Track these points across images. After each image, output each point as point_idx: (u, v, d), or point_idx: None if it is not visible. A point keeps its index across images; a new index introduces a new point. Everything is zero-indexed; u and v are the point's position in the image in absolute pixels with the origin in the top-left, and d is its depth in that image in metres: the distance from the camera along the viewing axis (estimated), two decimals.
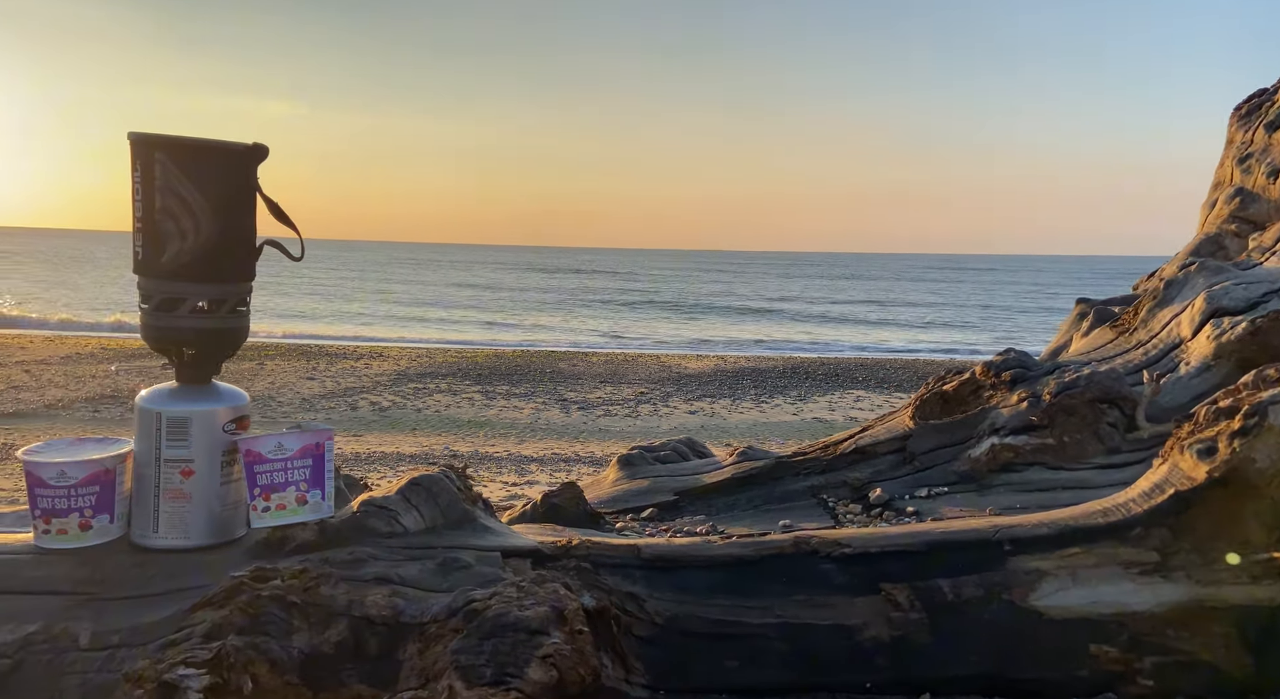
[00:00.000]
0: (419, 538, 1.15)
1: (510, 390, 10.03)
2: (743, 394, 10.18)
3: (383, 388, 9.66)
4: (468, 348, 14.70)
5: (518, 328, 19.45)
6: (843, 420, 9.50)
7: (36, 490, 1.11)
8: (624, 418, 9.50)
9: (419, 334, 17.16)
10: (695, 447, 1.82)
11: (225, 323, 1.20)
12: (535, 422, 9.00)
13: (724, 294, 35.40)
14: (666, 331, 19.48)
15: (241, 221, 1.18)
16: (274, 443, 1.18)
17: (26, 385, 8.49)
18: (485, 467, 6.88)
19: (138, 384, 8.84)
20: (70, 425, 7.22)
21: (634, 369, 11.97)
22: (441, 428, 8.67)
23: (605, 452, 7.70)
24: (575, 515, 1.44)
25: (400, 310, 22.20)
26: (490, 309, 24.20)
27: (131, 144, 1.12)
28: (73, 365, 9.75)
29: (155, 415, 1.15)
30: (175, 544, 1.15)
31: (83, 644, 0.96)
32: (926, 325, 21.82)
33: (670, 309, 26.07)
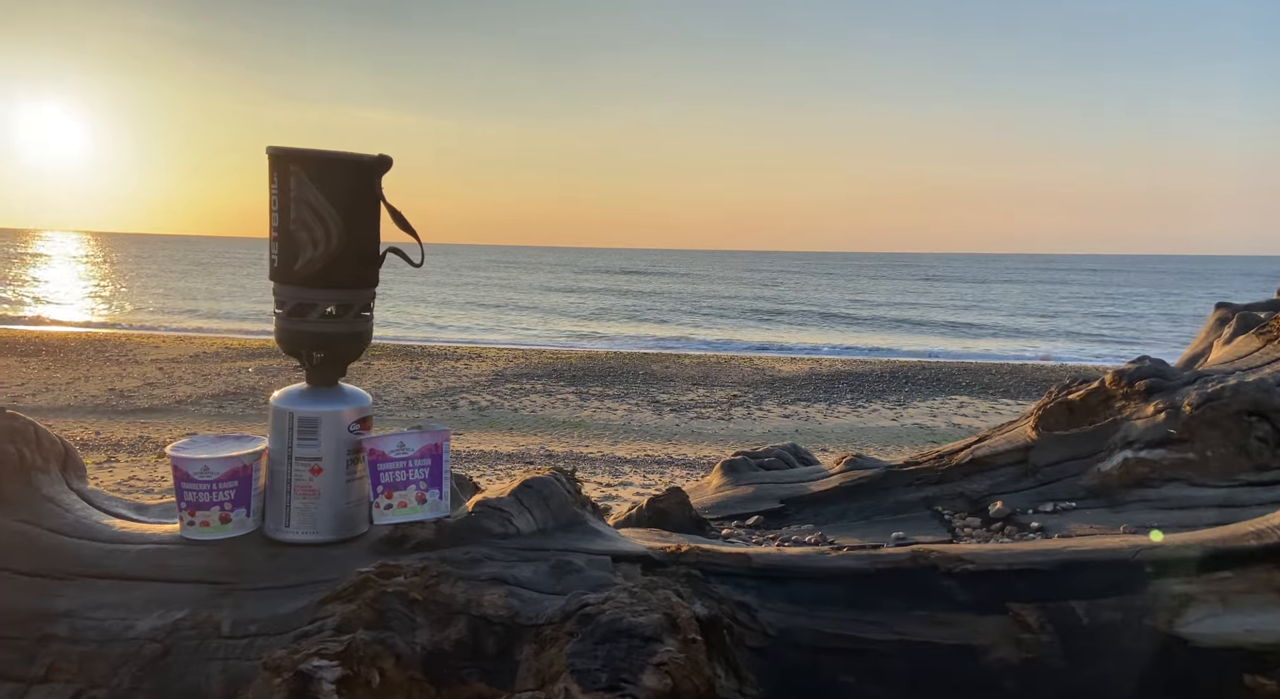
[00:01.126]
0: (531, 540, 1.17)
1: (604, 392, 10.14)
2: (839, 398, 9.95)
3: (481, 388, 9.94)
4: (562, 349, 14.97)
5: (609, 329, 19.66)
6: (945, 427, 9.16)
7: (183, 484, 1.19)
8: (717, 421, 9.45)
9: (515, 335, 17.58)
10: (800, 453, 1.79)
11: (351, 327, 1.25)
12: (628, 423, 9.06)
13: (808, 296, 34.76)
14: (754, 334, 19.28)
15: (367, 230, 1.23)
16: (396, 442, 1.22)
17: (160, 382, 9.16)
18: (580, 467, 6.97)
19: (257, 382, 9.40)
20: (198, 420, 7.74)
21: (726, 372, 11.89)
22: (537, 428, 8.84)
23: (698, 454, 7.69)
24: (681, 521, 1.44)
25: (496, 312, 22.80)
26: (582, 311, 24.57)
27: (270, 158, 1.18)
28: (200, 364, 10.46)
29: (288, 415, 1.21)
30: (305, 538, 1.21)
31: (224, 631, 1.02)
32: (1026, 329, 20.78)
33: (754, 311, 25.79)
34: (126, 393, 8.68)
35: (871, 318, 23.61)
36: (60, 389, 8.59)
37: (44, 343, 11.99)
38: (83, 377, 9.28)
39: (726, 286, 40.75)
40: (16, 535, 1.13)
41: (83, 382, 8.99)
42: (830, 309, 26.68)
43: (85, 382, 9.01)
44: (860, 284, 43.49)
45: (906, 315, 24.49)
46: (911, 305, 28.21)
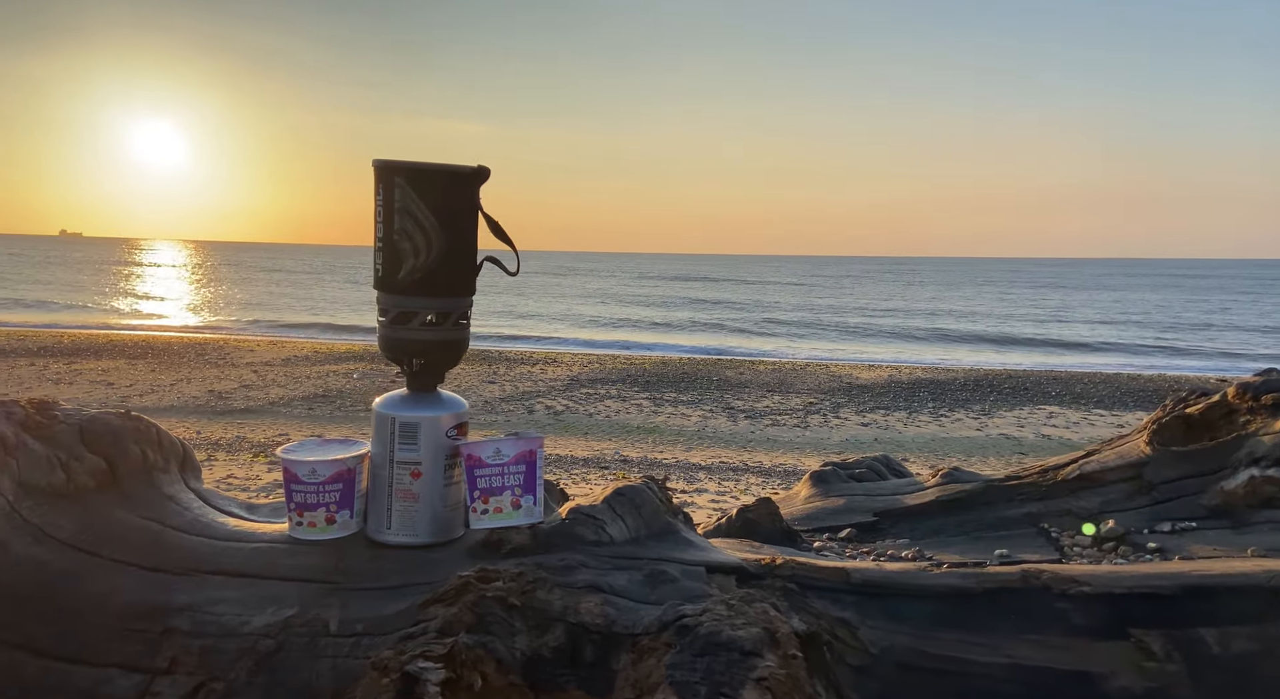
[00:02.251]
0: (624, 548, 1.17)
1: (678, 397, 10.12)
2: (920, 406, 9.68)
3: (557, 392, 10.06)
4: (635, 354, 15.02)
5: (681, 334, 19.63)
6: (1033, 438, 8.81)
7: (292, 486, 1.23)
8: (792, 428, 9.32)
9: (589, 341, 17.74)
10: (891, 464, 1.74)
11: (450, 335, 1.27)
12: (702, 429, 9.02)
13: (878, 301, 33.96)
14: (827, 339, 18.94)
15: (466, 239, 1.25)
16: (493, 448, 1.24)
17: (255, 385, 9.60)
18: (654, 473, 6.96)
19: (344, 384, 9.75)
20: (289, 421, 8.07)
21: (802, 378, 11.72)
22: (612, 433, 8.89)
23: (773, 462, 7.59)
24: (771, 532, 1.41)
25: (569, 317, 23.07)
26: (654, 316, 24.61)
27: (375, 170, 1.22)
28: (291, 367, 10.91)
29: (389, 420, 1.24)
30: (405, 541, 1.24)
31: (332, 630, 1.05)
32: (1117, 338, 19.75)
33: (825, 316, 25.32)
34: (224, 394, 9.12)
35: (948, 324, 22.90)
36: (165, 390, 9.09)
37: (150, 346, 12.72)
38: (185, 378, 9.80)
39: (796, 291, 40.21)
40: (141, 532, 1.20)
41: (185, 383, 9.49)
42: (904, 314, 26.00)
43: (187, 383, 9.51)
44: (932, 289, 42.30)
45: (986, 324, 23.67)
46: (985, 314, 27.25)
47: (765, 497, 1.46)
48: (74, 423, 1.26)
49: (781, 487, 6.78)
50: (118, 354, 11.58)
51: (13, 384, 9.05)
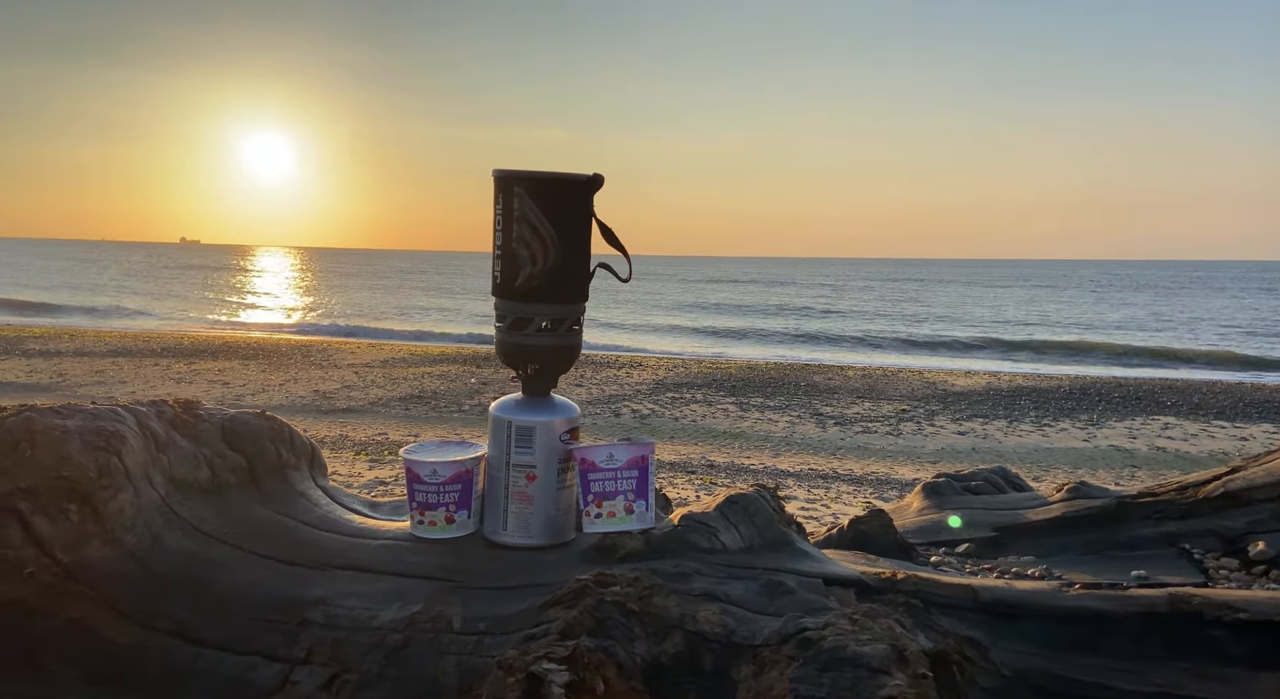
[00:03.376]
0: (738, 557, 1.16)
1: (764, 403, 10.01)
2: (1021, 415, 9.28)
3: (642, 396, 10.10)
4: (721, 359, 14.94)
5: (768, 339, 19.42)
6: (1147, 450, 8.33)
7: (414, 485, 1.28)
8: (884, 436, 9.08)
9: (675, 344, 17.74)
10: (1010, 477, 1.66)
11: (564, 340, 1.29)
12: (790, 435, 8.89)
13: (969, 305, 32.69)
14: (923, 345, 18.36)
15: (581, 246, 1.27)
16: (606, 453, 1.25)
17: (356, 385, 10.01)
18: (741, 478, 6.91)
19: (439, 386, 10.06)
20: (388, 421, 8.38)
21: (894, 384, 11.41)
22: (698, 437, 8.86)
23: (865, 470, 7.41)
24: (885, 545, 1.37)
25: (657, 321, 23.15)
26: (740, 320, 24.42)
27: (495, 180, 1.25)
28: (389, 369, 11.34)
29: (506, 423, 1.27)
30: (520, 542, 1.26)
31: (456, 627, 1.08)
32: (1233, 345, 18.36)
33: (921, 320, 24.55)
34: (328, 394, 9.55)
35: (1042, 329, 21.84)
36: (274, 389, 9.59)
37: (260, 347, 13.44)
38: (292, 379, 10.31)
39: (883, 295, 39.18)
40: (277, 527, 1.26)
41: (292, 383, 9.99)
42: (998, 319, 24.95)
43: (294, 383, 10.00)
44: (1024, 291, 40.45)
45: (1083, 330, 22.46)
46: (1082, 320, 25.85)
47: (878, 508, 1.42)
48: (217, 422, 1.34)
49: (874, 495, 6.61)
50: (232, 355, 12.29)
51: (140, 382, 9.72)
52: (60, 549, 1.06)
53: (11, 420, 1.11)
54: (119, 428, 1.18)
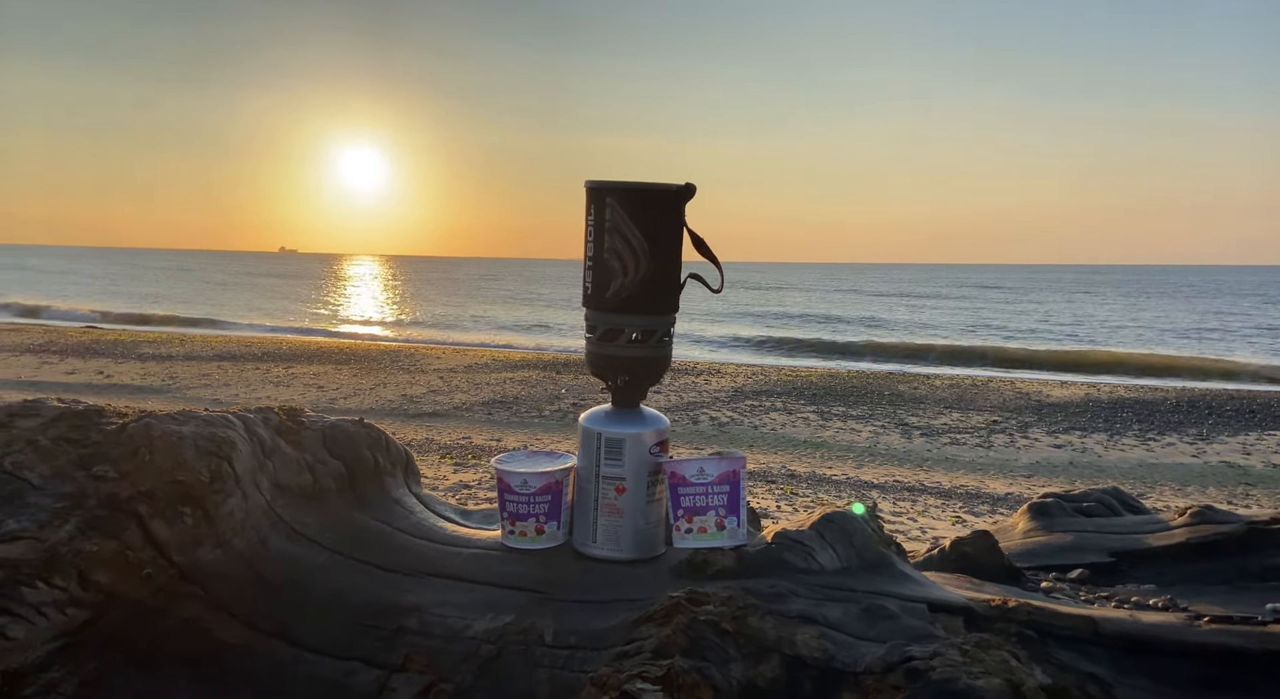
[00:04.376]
0: (835, 578, 1.12)
1: (846, 412, 9.79)
2: (1123, 428, 8.80)
3: (721, 404, 10.03)
4: (801, 367, 14.71)
5: (848, 347, 19.01)
6: (1262, 467, 7.79)
7: (505, 495, 1.29)
8: (974, 448, 8.75)
9: (753, 352, 17.57)
10: (1125, 498, 1.56)
11: (654, 352, 1.28)
12: (874, 445, 8.67)
13: (1075, 312, 31.19)
14: (1015, 355, 17.63)
15: (672, 257, 1.26)
16: (696, 467, 1.23)
17: (441, 390, 10.28)
18: (824, 489, 6.77)
19: (520, 391, 10.23)
20: (471, 425, 8.57)
21: (984, 395, 10.98)
22: (777, 446, 8.72)
23: (953, 483, 7.14)
24: (990, 568, 1.30)
25: (737, 327, 22.98)
26: (818, 328, 24.00)
27: (587, 191, 1.25)
28: (472, 374, 11.60)
29: (596, 435, 1.27)
30: (610, 555, 1.25)
31: (547, 640, 1.08)
32: None
33: (1014, 328, 23.57)
34: (415, 398, 9.83)
35: (1147, 337, 20.61)
36: (365, 393, 9.94)
37: (352, 352, 13.97)
38: (381, 383, 10.67)
39: (974, 302, 37.83)
40: (374, 533, 1.29)
41: (381, 388, 10.33)
42: (1093, 327, 23.71)
43: (383, 388, 10.34)
44: (1121, 300, 38.34)
45: (1192, 339, 21.10)
46: (1191, 329, 24.27)
47: (982, 529, 1.35)
48: (318, 429, 1.38)
49: (964, 510, 6.38)
50: (326, 360, 12.80)
51: (242, 385, 10.24)
52: (175, 551, 1.11)
53: (132, 426, 1.17)
54: (229, 434, 1.22)
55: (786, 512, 5.52)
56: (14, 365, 11.35)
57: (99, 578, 1.04)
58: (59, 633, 1.01)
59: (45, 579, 1.00)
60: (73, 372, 10.96)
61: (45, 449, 1.12)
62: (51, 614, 1.00)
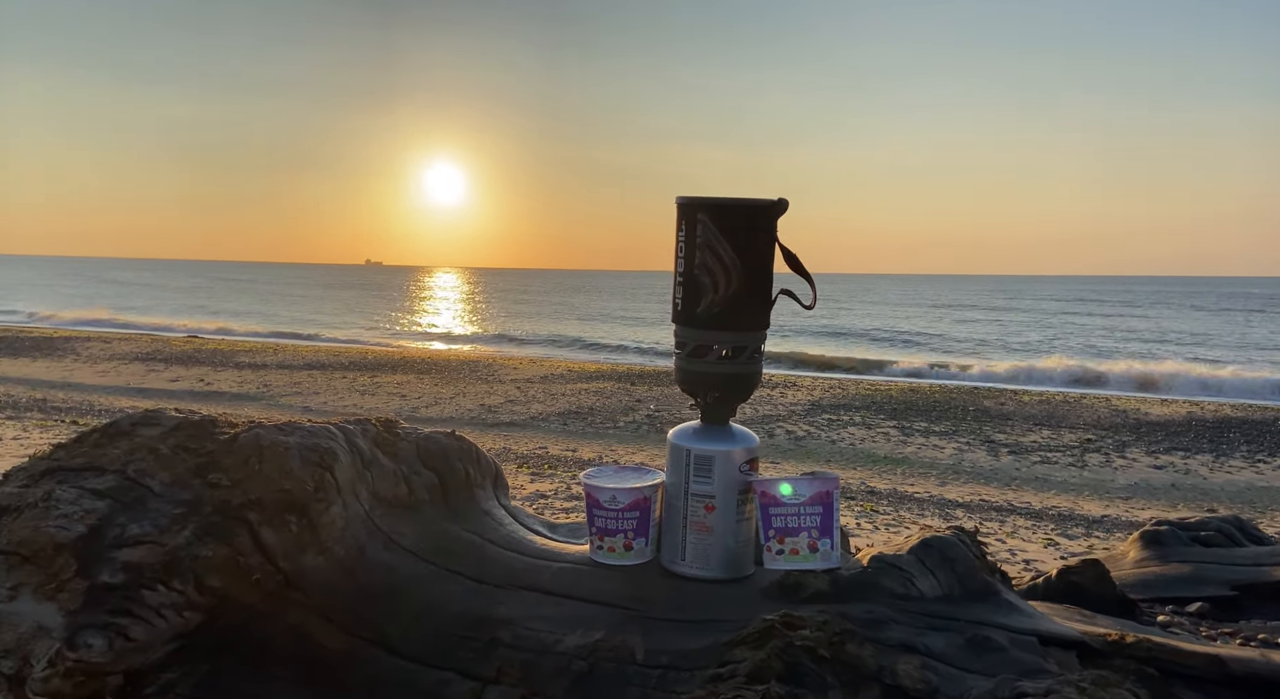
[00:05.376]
0: (936, 606, 1.07)
1: (929, 427, 9.50)
2: (1230, 449, 8.28)
3: (797, 417, 9.87)
4: (880, 381, 14.37)
5: (928, 361, 18.47)
6: None
7: (594, 510, 1.29)
8: (1066, 467, 8.38)
9: (830, 363, 17.26)
10: (1246, 528, 1.46)
11: (744, 368, 1.27)
12: (958, 463, 8.38)
13: (1181, 326, 29.52)
14: (1110, 368, 16.80)
15: (764, 273, 1.24)
16: (788, 487, 1.20)
17: (518, 400, 10.45)
18: (905, 507, 6.58)
19: (595, 402, 10.31)
20: (547, 435, 8.67)
21: (1076, 412, 10.50)
22: (856, 461, 8.53)
23: (1044, 503, 6.84)
24: (1100, 599, 1.23)
25: (812, 338, 22.64)
26: (896, 341, 23.42)
27: (678, 207, 1.25)
28: (548, 384, 11.76)
29: (685, 451, 1.26)
30: (698, 573, 1.24)
31: (639, 659, 1.07)
32: None
33: (1110, 343, 22.47)
34: (492, 408, 10.02)
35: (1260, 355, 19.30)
36: (445, 403, 10.19)
37: (433, 362, 14.36)
38: (460, 393, 10.92)
39: (1071, 315, 36.28)
40: (466, 544, 1.31)
41: (460, 397, 10.58)
42: (1203, 342, 22.37)
43: (462, 397, 10.59)
44: (1236, 313, 36.04)
45: None
46: None
47: (1092, 558, 1.28)
48: (413, 441, 1.41)
49: (1056, 532, 6.10)
50: (408, 369, 13.20)
51: (330, 393, 10.64)
52: (282, 557, 1.15)
53: (243, 436, 1.23)
54: (332, 445, 1.27)
55: (867, 529, 5.38)
56: (124, 373, 12.10)
57: (213, 582, 1.08)
58: (176, 635, 1.06)
59: (165, 582, 1.05)
60: (176, 379, 11.61)
61: (165, 457, 1.18)
62: (170, 616, 1.05)
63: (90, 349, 14.64)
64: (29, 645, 0.99)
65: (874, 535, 5.41)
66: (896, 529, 5.76)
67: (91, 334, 18.38)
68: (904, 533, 5.51)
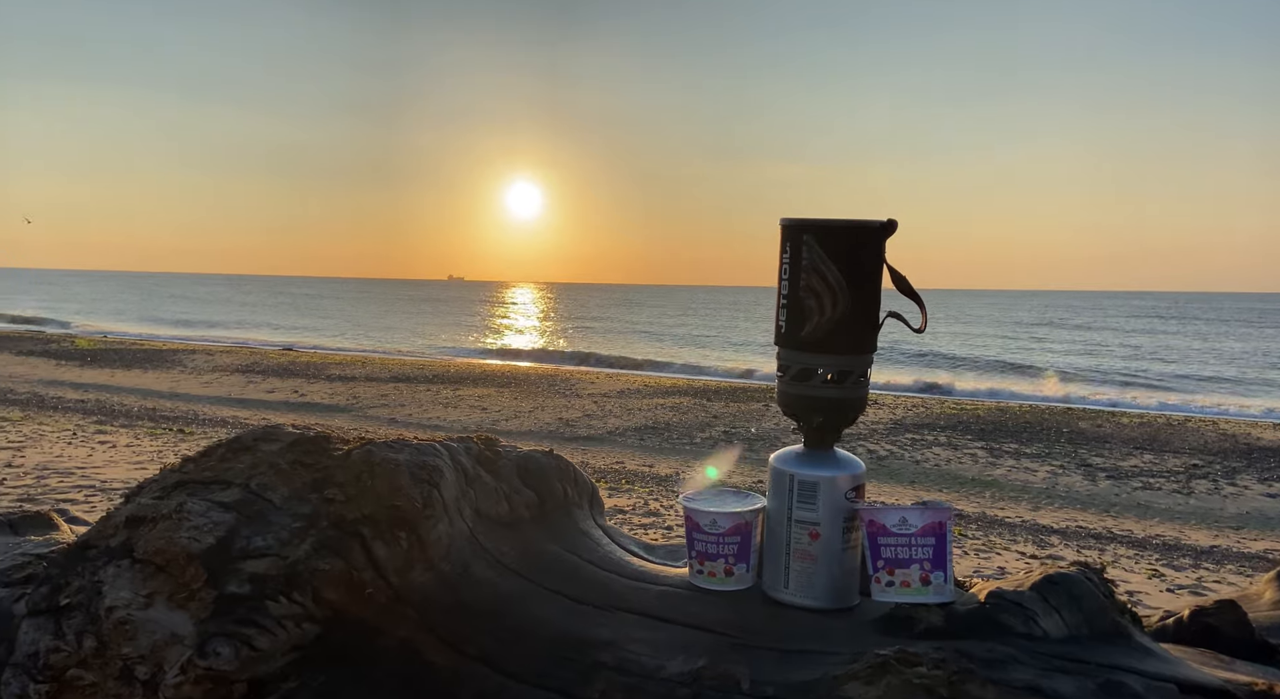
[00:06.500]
0: (1063, 647, 1.02)
1: (1019, 449, 9.13)
2: None
3: (879, 436, 9.63)
4: (966, 399, 13.89)
5: (1023, 379, 17.75)
6: None
7: (694, 534, 1.28)
8: (1170, 494, 7.92)
9: (914, 381, 16.79)
10: None
11: (849, 393, 1.24)
12: (1052, 487, 8.03)
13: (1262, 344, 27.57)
14: (1216, 391, 15.80)
15: (871, 295, 1.21)
16: (898, 517, 1.17)
17: (595, 414, 10.53)
18: (995, 532, 6.31)
19: (671, 417, 10.30)
20: (624, 450, 8.70)
21: (1180, 435, 9.92)
22: (941, 483, 8.26)
23: (1147, 532, 6.47)
24: (1239, 644, 1.15)
25: (896, 356, 22.08)
26: (984, 360, 22.60)
27: (783, 228, 1.23)
28: (625, 399, 11.82)
29: (788, 476, 1.23)
30: (802, 602, 1.21)
31: (744, 688, 1.05)
32: None
33: (1216, 362, 21.15)
34: (570, 422, 10.12)
35: None
36: (524, 416, 10.35)
37: (513, 376, 14.63)
38: (539, 406, 11.08)
39: (1166, 333, 34.36)
40: (565, 563, 1.32)
41: (539, 411, 10.73)
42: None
43: (541, 411, 10.74)
44: None
45: None
46: None
47: (1228, 600, 1.19)
48: (513, 459, 1.43)
49: (1161, 562, 5.77)
50: (489, 383, 13.47)
51: (415, 406, 10.95)
52: (392, 572, 1.18)
53: (356, 453, 1.27)
54: (438, 462, 1.29)
55: (955, 555, 5.19)
56: (225, 384, 12.75)
57: (330, 595, 1.12)
58: (294, 646, 1.10)
59: (286, 594, 1.09)
60: (272, 390, 12.16)
61: (284, 472, 1.23)
62: (290, 628, 1.08)
63: (195, 361, 15.49)
64: (163, 652, 1.03)
65: (964, 561, 5.21)
66: (987, 555, 5.53)
67: (197, 347, 19.46)
68: (994, 559, 5.29)
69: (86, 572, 1.11)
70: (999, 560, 5.25)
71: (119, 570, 1.09)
